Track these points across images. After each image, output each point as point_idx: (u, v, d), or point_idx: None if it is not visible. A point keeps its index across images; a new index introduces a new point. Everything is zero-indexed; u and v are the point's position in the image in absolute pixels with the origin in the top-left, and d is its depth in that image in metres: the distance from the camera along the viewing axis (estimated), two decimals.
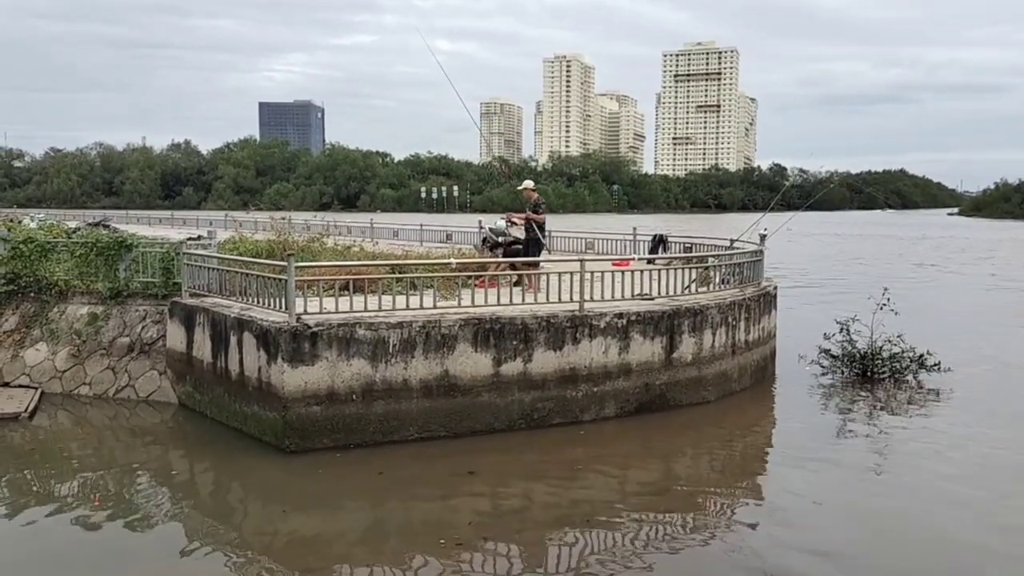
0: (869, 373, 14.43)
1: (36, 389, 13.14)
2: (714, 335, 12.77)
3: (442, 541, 7.82)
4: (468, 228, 26.03)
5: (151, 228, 42.13)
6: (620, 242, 21.08)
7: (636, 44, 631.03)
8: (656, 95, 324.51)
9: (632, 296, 12.62)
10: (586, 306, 11.76)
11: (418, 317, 10.75)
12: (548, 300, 12.06)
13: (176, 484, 9.80)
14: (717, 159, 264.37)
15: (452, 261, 12.85)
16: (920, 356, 14.35)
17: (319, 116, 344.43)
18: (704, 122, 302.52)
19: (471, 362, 10.91)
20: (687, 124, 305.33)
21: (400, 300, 11.09)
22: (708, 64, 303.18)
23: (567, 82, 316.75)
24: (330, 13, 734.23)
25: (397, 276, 12.13)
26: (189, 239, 16.38)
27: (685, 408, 12.35)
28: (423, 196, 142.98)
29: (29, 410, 12.16)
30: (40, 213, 46.72)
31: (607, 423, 11.62)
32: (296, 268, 10.41)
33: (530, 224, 14.63)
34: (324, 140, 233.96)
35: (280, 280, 10.60)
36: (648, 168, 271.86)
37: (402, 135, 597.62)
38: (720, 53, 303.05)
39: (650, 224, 42.65)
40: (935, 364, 14.28)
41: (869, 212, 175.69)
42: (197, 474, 10.43)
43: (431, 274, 11.95)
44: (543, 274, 13.27)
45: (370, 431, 10.44)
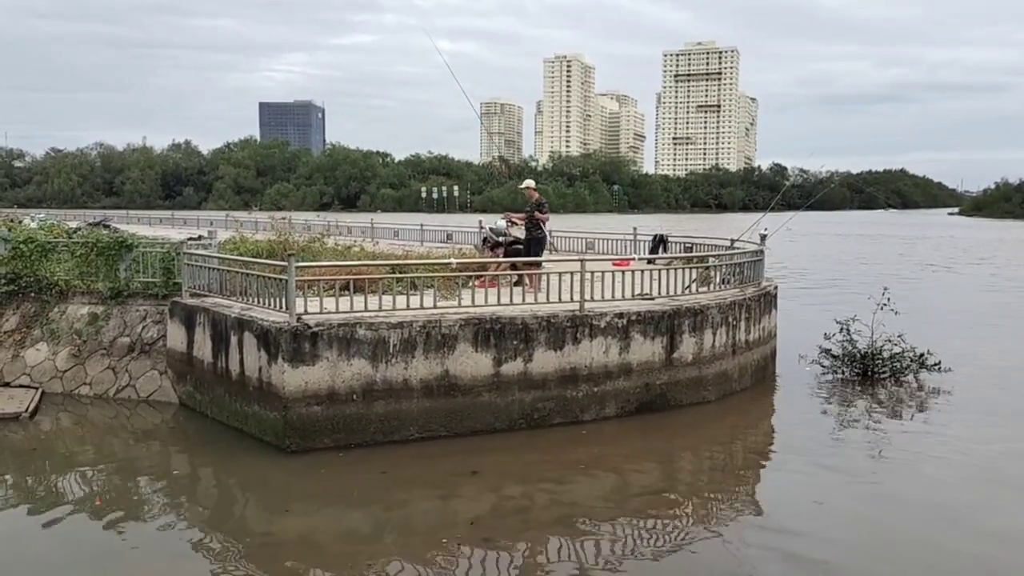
0: (869, 373, 14.43)
1: (37, 389, 13.14)
2: (714, 335, 12.77)
3: (444, 540, 7.82)
4: (468, 228, 26.03)
5: (151, 228, 42.15)
6: (620, 242, 21.08)
7: (636, 44, 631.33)
8: (656, 95, 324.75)
9: (632, 296, 12.62)
10: (586, 306, 11.77)
11: (418, 317, 10.75)
12: (548, 300, 12.06)
13: (177, 484, 9.81)
14: (717, 159, 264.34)
15: (452, 261, 12.86)
16: (920, 356, 14.35)
17: (319, 116, 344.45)
18: (704, 122, 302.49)
19: (471, 362, 10.91)
20: (687, 124, 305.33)
21: (400, 300, 11.09)
22: (708, 64, 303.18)
23: (567, 82, 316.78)
24: (330, 13, 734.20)
25: (397, 276, 12.13)
26: (190, 239, 16.38)
27: (686, 408, 12.35)
28: (423, 196, 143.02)
29: (30, 410, 12.16)
30: (41, 213, 46.75)
31: (607, 423, 11.62)
32: (296, 268, 10.42)
33: (532, 223, 14.62)
34: (324, 140, 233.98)
35: (280, 280, 10.60)
36: (648, 168, 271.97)
37: (402, 135, 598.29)
38: (720, 53, 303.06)
39: (650, 224, 42.65)
40: (935, 364, 14.28)
41: (870, 212, 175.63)
42: (198, 474, 10.44)
43: (431, 274, 11.96)
44: (543, 274, 13.27)
45: (371, 431, 10.45)
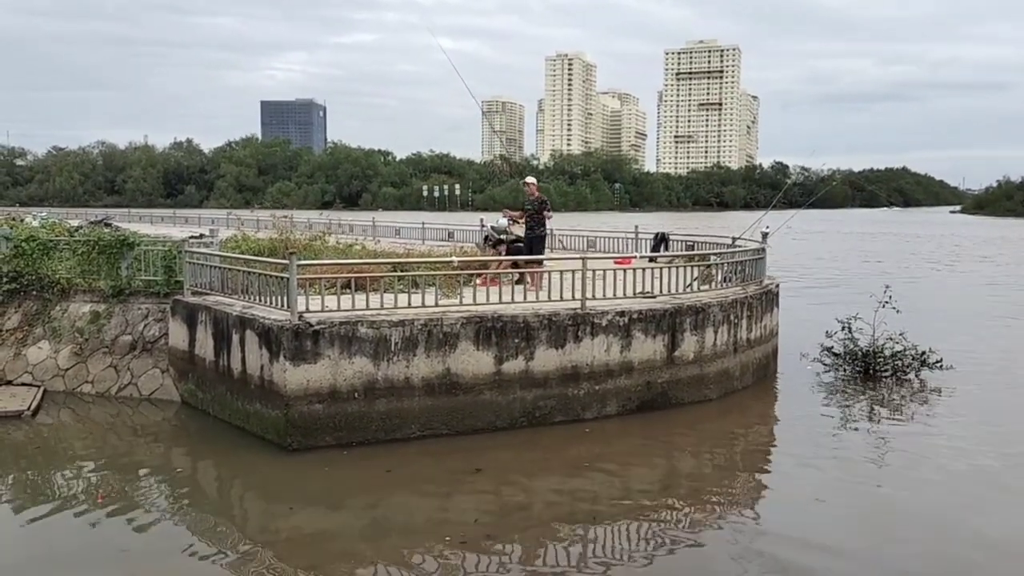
0: (871, 371, 14.42)
1: (39, 387, 13.16)
2: (716, 333, 12.77)
3: (447, 538, 7.83)
4: (470, 226, 26.03)
5: (153, 226, 42.18)
6: (622, 240, 21.07)
7: (638, 42, 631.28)
8: (658, 93, 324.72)
9: (634, 294, 12.62)
10: (588, 304, 11.76)
11: (420, 315, 10.76)
12: (550, 298, 12.06)
13: (179, 482, 9.81)
14: (719, 157, 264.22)
15: (454, 259, 12.87)
16: (922, 354, 14.33)
17: (321, 115, 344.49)
18: (706, 120, 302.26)
19: (473, 360, 10.91)
20: (689, 122, 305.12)
21: (402, 298, 11.10)
22: (710, 62, 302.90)
23: (569, 80, 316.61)
24: (331, 11, 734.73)
25: (399, 274, 12.12)
26: (191, 237, 16.39)
27: (687, 406, 12.35)
28: (425, 194, 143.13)
29: (32, 408, 12.18)
30: (42, 212, 46.83)
31: (609, 421, 11.62)
32: (298, 266, 10.42)
33: (535, 221, 14.62)
34: (326, 139, 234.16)
35: (282, 278, 10.60)
36: (650, 166, 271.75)
37: (403, 134, 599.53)
38: (722, 51, 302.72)
39: (652, 222, 42.64)
40: (937, 362, 14.27)
41: (871, 210, 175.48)
42: (200, 472, 10.45)
43: (433, 272, 11.96)
44: (545, 272, 13.27)
45: (372, 429, 10.45)
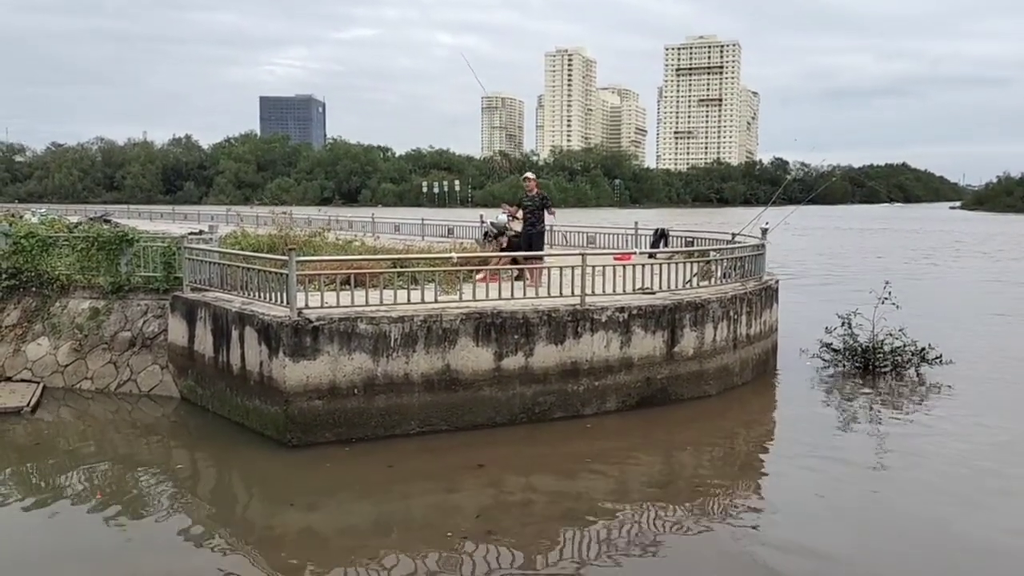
0: (871, 366, 14.42)
1: (38, 383, 13.16)
2: (715, 329, 12.76)
3: (448, 534, 7.83)
4: (469, 223, 26.01)
5: (152, 223, 42.19)
6: (622, 236, 21.06)
7: (638, 38, 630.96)
8: (658, 89, 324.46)
9: (633, 290, 12.61)
10: (587, 300, 11.76)
11: (419, 311, 10.75)
12: (549, 294, 12.05)
13: (178, 478, 9.82)
14: (719, 153, 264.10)
15: (453, 255, 12.86)
16: (922, 349, 14.34)
17: (320, 110, 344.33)
18: (706, 116, 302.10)
19: (472, 356, 10.91)
20: (689, 118, 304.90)
21: (401, 294, 11.10)
22: (710, 57, 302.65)
23: (568, 76, 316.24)
24: (330, 6, 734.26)
25: (398, 270, 12.13)
26: (190, 234, 16.37)
27: (687, 402, 12.35)
28: (424, 191, 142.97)
29: (31, 404, 12.18)
30: (41, 208, 46.83)
31: (608, 417, 11.62)
32: (297, 263, 10.42)
33: (536, 217, 14.61)
34: (325, 134, 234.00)
35: (282, 274, 10.60)
36: (650, 162, 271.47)
37: (403, 129, 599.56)
38: (722, 47, 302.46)
39: (652, 218, 42.66)
40: (937, 357, 14.27)
41: (871, 206, 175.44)
42: (199, 468, 10.45)
43: (432, 268, 11.95)
44: (545, 268, 13.26)
45: (372, 425, 10.46)
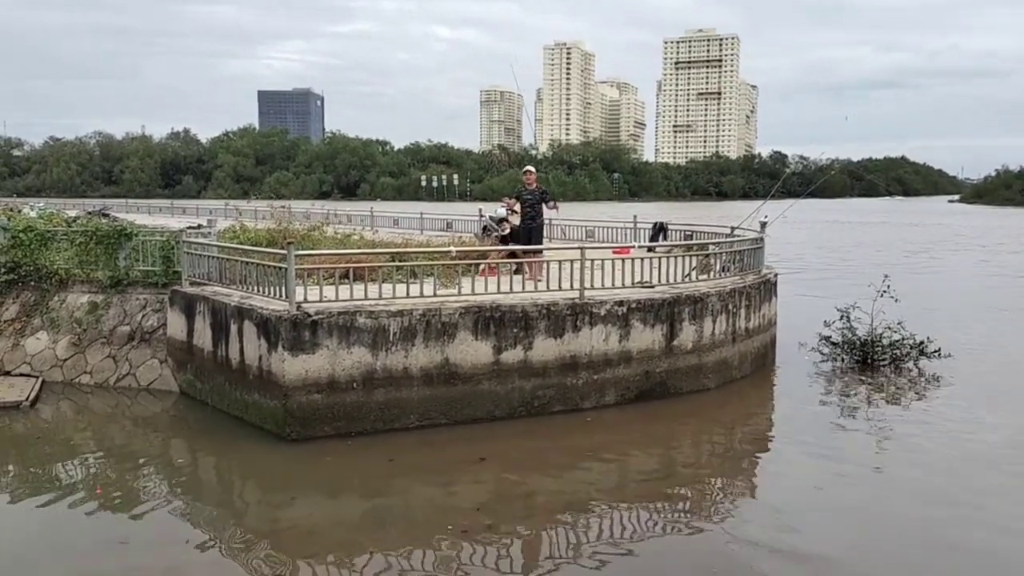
0: (869, 360, 14.43)
1: (37, 378, 13.16)
2: (714, 322, 12.77)
3: (449, 527, 7.85)
4: (468, 216, 25.99)
5: (151, 217, 42.11)
6: (620, 230, 21.05)
7: (637, 31, 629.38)
8: (657, 82, 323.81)
9: (632, 284, 12.61)
10: (586, 294, 11.76)
11: (418, 305, 10.74)
12: (548, 288, 12.05)
13: (178, 472, 9.83)
14: (718, 147, 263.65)
15: (452, 249, 12.84)
16: (920, 343, 14.34)
17: (318, 104, 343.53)
18: (705, 109, 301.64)
19: (471, 350, 10.91)
20: (688, 112, 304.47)
21: (400, 288, 11.09)
22: (709, 51, 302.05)
23: (567, 69, 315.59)
24: None
25: (397, 264, 12.13)
26: (189, 228, 16.37)
27: (685, 395, 12.37)
28: (423, 184, 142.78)
29: (30, 399, 12.18)
30: (40, 202, 46.69)
31: (607, 410, 11.63)
32: (296, 256, 10.40)
33: (535, 211, 14.60)
34: (323, 128, 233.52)
35: (280, 268, 10.59)
36: (649, 156, 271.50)
37: (401, 123, 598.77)
38: (721, 40, 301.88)
39: (651, 212, 42.62)
40: (935, 351, 14.28)
41: (870, 200, 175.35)
42: (199, 462, 10.45)
43: (431, 262, 11.95)
44: (544, 262, 13.25)
45: (371, 419, 10.46)
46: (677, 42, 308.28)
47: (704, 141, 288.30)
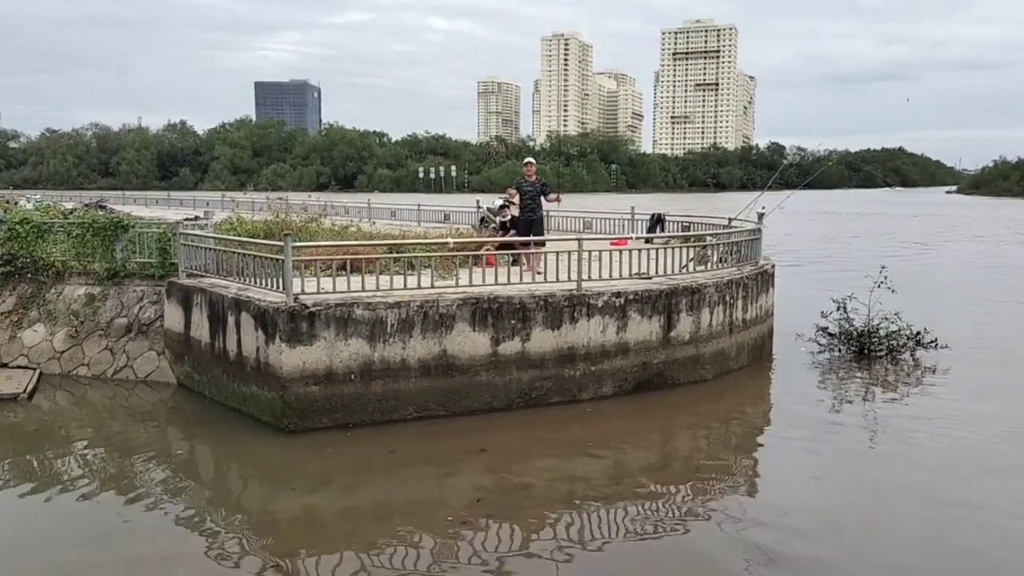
0: (866, 351, 14.46)
1: (35, 370, 13.15)
2: (711, 313, 12.78)
3: (449, 518, 7.87)
4: (466, 208, 25.95)
5: (148, 209, 42.06)
6: (618, 221, 21.03)
7: (635, 22, 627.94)
8: (654, 73, 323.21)
9: (630, 275, 12.62)
10: (584, 285, 11.76)
11: (416, 297, 10.74)
12: (546, 279, 12.05)
13: (176, 464, 9.83)
14: (716, 138, 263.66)
15: (450, 241, 12.84)
16: (917, 334, 14.37)
17: (315, 95, 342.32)
18: (703, 101, 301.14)
19: (469, 341, 10.92)
20: (685, 103, 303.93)
21: (398, 280, 11.09)
22: (707, 42, 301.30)
23: (565, 61, 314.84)
24: None
25: (395, 256, 12.12)
26: (186, 220, 16.32)
27: (683, 386, 12.39)
28: (421, 176, 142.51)
29: (28, 391, 12.18)
30: (36, 194, 46.65)
31: (605, 402, 11.65)
32: (293, 248, 10.40)
33: (535, 203, 14.57)
34: (320, 120, 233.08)
35: (277, 260, 10.58)
36: (646, 147, 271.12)
37: (398, 114, 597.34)
38: (719, 31, 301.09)
39: (648, 203, 42.57)
40: (932, 341, 14.31)
41: (868, 191, 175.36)
42: (197, 454, 10.46)
43: (429, 254, 11.94)
44: (542, 253, 13.25)
45: (369, 411, 10.47)
46: (675, 33, 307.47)
47: (702, 132, 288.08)
